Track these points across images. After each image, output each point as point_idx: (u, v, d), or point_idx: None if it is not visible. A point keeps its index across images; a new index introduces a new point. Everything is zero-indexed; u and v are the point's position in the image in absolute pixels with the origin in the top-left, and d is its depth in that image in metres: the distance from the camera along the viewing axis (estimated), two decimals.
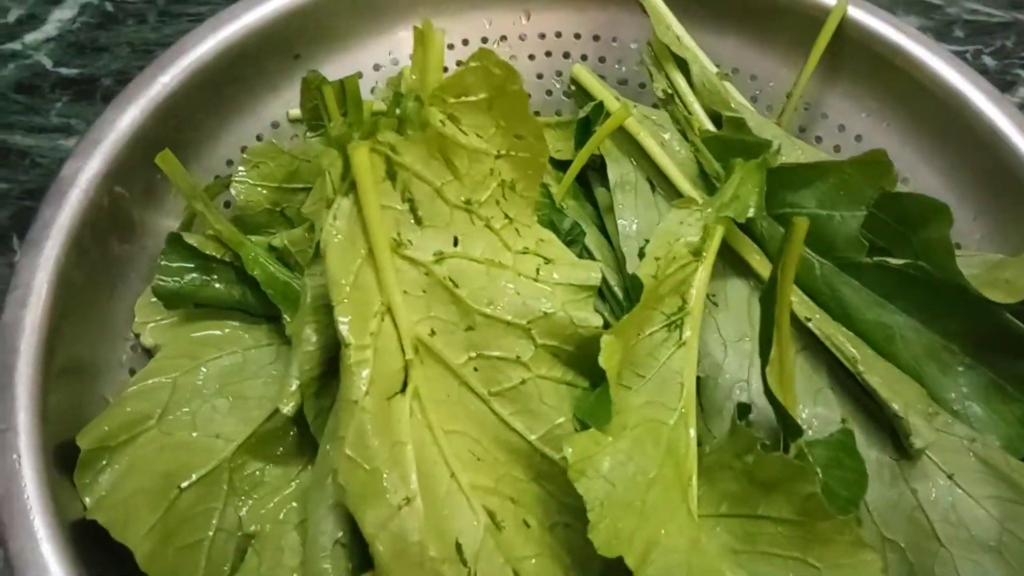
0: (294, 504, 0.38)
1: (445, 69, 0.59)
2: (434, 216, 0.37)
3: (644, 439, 0.36)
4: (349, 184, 0.36)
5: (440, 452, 0.34)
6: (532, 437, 0.36)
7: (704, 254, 0.43)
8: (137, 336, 0.45)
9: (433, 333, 0.36)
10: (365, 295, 0.35)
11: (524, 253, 0.39)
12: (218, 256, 0.43)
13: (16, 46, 0.69)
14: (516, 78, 0.38)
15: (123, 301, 0.45)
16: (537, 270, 0.38)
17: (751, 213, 0.44)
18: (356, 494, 0.32)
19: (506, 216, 0.39)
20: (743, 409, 0.40)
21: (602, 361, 0.35)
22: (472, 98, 0.38)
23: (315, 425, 0.38)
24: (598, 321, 0.38)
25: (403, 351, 0.35)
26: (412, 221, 0.37)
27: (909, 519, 0.39)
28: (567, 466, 0.33)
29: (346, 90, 0.45)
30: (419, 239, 0.37)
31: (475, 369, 0.36)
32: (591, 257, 0.48)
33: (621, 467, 0.34)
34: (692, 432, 0.38)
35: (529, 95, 0.58)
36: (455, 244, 0.37)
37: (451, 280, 0.37)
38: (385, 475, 0.32)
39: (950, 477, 0.40)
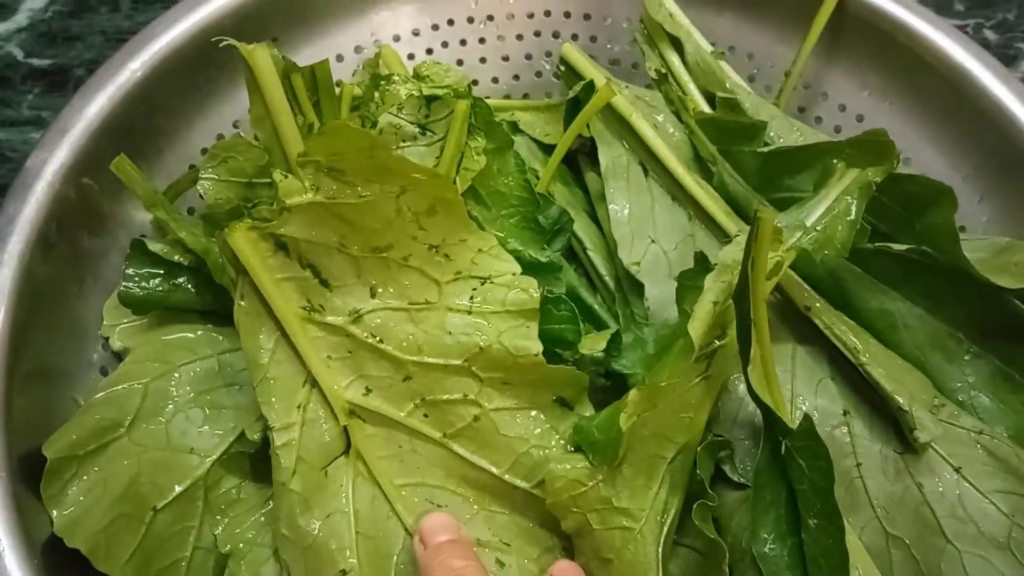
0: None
1: (430, 51, 0.58)
2: (341, 275, 0.36)
3: (636, 480, 0.35)
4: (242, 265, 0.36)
5: (391, 509, 0.34)
6: (497, 471, 0.35)
7: None
8: (107, 339, 0.43)
9: (368, 392, 0.36)
10: (288, 368, 0.36)
11: (456, 280, 0.36)
12: (185, 263, 0.41)
13: None
14: (381, 143, 0.35)
15: (94, 297, 0.44)
16: (471, 298, 0.36)
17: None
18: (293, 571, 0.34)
19: (430, 247, 0.36)
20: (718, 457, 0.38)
21: (622, 421, 0.33)
22: (347, 155, 0.34)
23: None
24: (537, 348, 0.35)
25: (336, 418, 0.35)
26: (319, 285, 0.36)
27: (915, 514, 0.38)
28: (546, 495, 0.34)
29: (317, 77, 0.43)
30: (331, 302, 0.36)
31: (425, 415, 0.36)
32: (580, 245, 0.46)
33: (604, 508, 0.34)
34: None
35: (518, 76, 0.57)
36: (372, 296, 0.36)
37: (373, 336, 0.35)
38: (315, 553, 0.33)
39: (957, 470, 0.38)
